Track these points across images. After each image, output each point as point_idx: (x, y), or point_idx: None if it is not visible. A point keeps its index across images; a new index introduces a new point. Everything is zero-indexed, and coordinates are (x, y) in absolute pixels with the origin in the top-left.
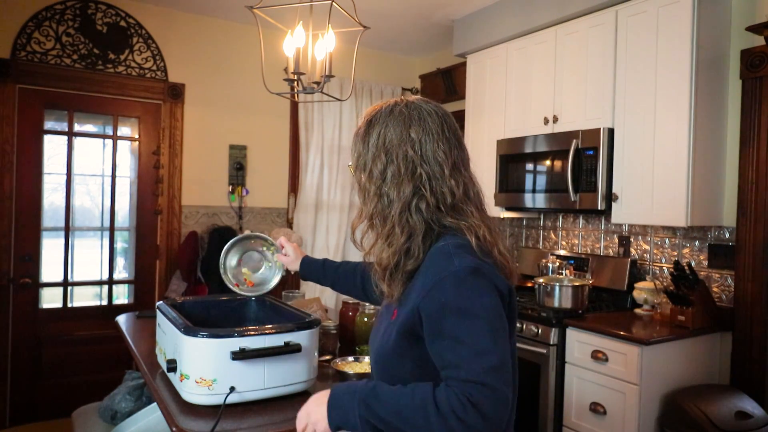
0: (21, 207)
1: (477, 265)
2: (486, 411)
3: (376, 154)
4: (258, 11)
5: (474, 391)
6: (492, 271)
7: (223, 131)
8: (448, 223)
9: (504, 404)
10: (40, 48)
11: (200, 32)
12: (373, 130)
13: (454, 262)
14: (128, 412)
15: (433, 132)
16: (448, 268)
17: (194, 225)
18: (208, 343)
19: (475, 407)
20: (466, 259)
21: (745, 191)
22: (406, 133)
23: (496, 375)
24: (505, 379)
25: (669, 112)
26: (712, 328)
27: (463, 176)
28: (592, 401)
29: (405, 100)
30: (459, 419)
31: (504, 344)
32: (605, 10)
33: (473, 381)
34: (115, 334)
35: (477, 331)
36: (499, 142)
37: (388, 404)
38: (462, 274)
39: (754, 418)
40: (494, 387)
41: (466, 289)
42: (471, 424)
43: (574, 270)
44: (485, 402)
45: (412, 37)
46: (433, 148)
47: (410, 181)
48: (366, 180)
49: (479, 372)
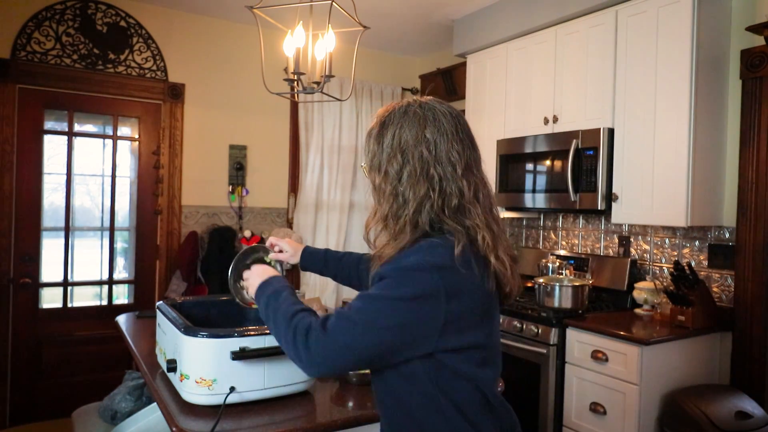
0: (21, 207)
1: (425, 265)
2: (311, 344)
3: (392, 154)
4: (258, 11)
5: (317, 326)
6: (445, 274)
7: (223, 131)
8: (447, 225)
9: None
10: (40, 48)
11: (200, 32)
12: (387, 130)
13: (418, 254)
14: (128, 412)
15: (448, 133)
16: (409, 257)
17: (194, 225)
18: (208, 343)
19: (307, 336)
20: (421, 257)
21: (745, 191)
22: (422, 134)
23: (342, 334)
24: (340, 344)
25: (669, 112)
26: (712, 328)
27: (475, 176)
28: (592, 401)
29: (418, 101)
30: (294, 335)
31: (378, 335)
32: (605, 10)
33: (323, 320)
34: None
35: (381, 298)
36: (499, 142)
37: (283, 301)
38: (405, 265)
39: (754, 418)
40: (327, 336)
41: (399, 275)
42: (298, 346)
43: (574, 270)
44: (316, 338)
45: (412, 37)
46: (447, 149)
47: (425, 181)
48: (381, 180)
49: (334, 320)
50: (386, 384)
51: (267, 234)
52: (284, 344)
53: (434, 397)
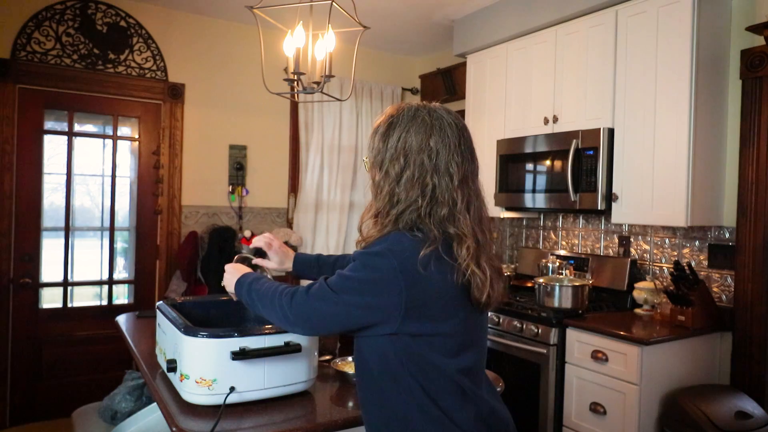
0: (21, 207)
1: (385, 251)
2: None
3: (395, 155)
4: (258, 11)
5: (302, 290)
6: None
7: (223, 131)
8: (427, 228)
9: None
10: (40, 48)
11: (200, 32)
12: (394, 131)
13: (383, 243)
14: (128, 412)
15: (451, 144)
16: (378, 243)
17: (194, 225)
18: (208, 343)
19: (292, 297)
20: (391, 244)
21: (745, 191)
22: (426, 142)
23: (318, 300)
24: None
25: (669, 112)
26: (712, 328)
27: (470, 188)
28: (592, 401)
29: (428, 107)
30: (281, 298)
31: (354, 299)
32: (605, 10)
33: (317, 284)
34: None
35: (351, 277)
36: (499, 142)
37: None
38: (376, 249)
39: (754, 418)
40: (309, 298)
41: (368, 257)
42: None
43: (574, 270)
44: (300, 298)
45: (412, 37)
46: (447, 159)
47: (419, 187)
48: (381, 178)
49: (316, 287)
50: (362, 363)
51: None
52: (272, 310)
53: (402, 379)
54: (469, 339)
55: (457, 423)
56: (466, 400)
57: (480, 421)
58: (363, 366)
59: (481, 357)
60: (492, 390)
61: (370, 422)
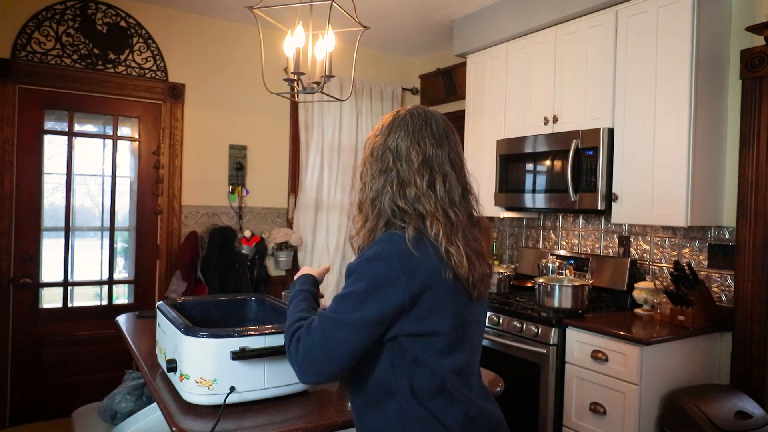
0: (21, 207)
1: (385, 253)
2: (300, 347)
3: (366, 163)
4: (258, 11)
5: (312, 326)
6: (396, 264)
7: (223, 131)
8: (405, 211)
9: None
10: (40, 48)
11: (200, 32)
12: (369, 142)
13: (375, 246)
14: (128, 412)
15: (411, 131)
16: (369, 249)
17: (194, 225)
18: (208, 343)
19: (299, 341)
20: (382, 246)
21: (745, 191)
22: (389, 136)
23: (330, 324)
24: (331, 333)
25: (669, 112)
26: (712, 328)
27: (434, 171)
28: (592, 401)
29: (402, 111)
30: (290, 341)
31: (360, 314)
32: (605, 10)
33: (319, 318)
34: (115, 334)
35: (349, 294)
36: (499, 142)
37: (290, 309)
38: (369, 255)
39: (754, 418)
40: (319, 330)
41: (364, 265)
42: (291, 350)
43: (574, 270)
44: (304, 340)
45: (412, 37)
46: (407, 145)
47: (386, 173)
48: (360, 189)
49: (325, 316)
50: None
51: (267, 234)
52: (288, 352)
53: (392, 382)
54: (462, 336)
55: (445, 425)
56: (455, 401)
57: (468, 422)
58: (354, 371)
59: (473, 357)
60: (484, 391)
61: (362, 426)
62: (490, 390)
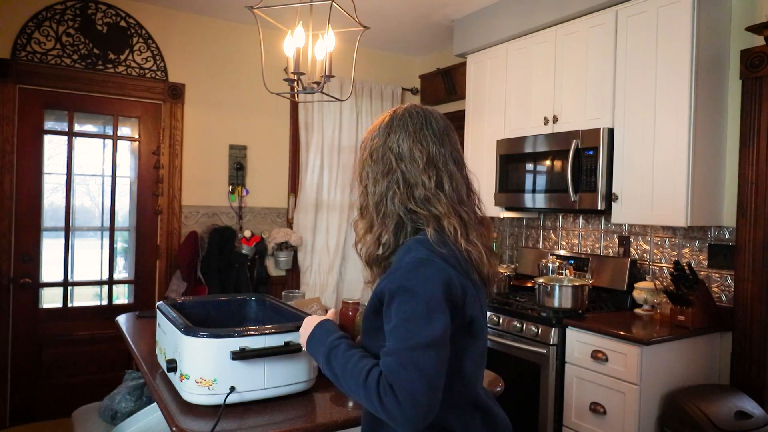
0: (21, 207)
1: (425, 256)
2: (398, 393)
3: (366, 160)
4: (258, 11)
5: (390, 366)
6: (441, 264)
7: (223, 131)
8: (418, 212)
9: (412, 388)
10: (40, 48)
11: (200, 32)
12: (367, 145)
13: (410, 254)
14: (128, 412)
15: (411, 131)
16: (403, 260)
17: (194, 225)
18: (208, 343)
19: (392, 389)
20: (419, 251)
21: (745, 191)
22: (388, 137)
23: (414, 355)
24: (421, 363)
25: (669, 112)
26: (712, 328)
27: (440, 170)
28: (592, 401)
29: (401, 108)
30: (378, 396)
31: (433, 331)
32: (605, 10)
33: (393, 355)
34: (115, 334)
35: (411, 315)
36: (499, 142)
37: (340, 363)
38: (410, 265)
39: (754, 418)
40: (407, 366)
41: (411, 277)
42: (386, 403)
43: (574, 270)
44: (399, 384)
45: (412, 37)
46: (410, 146)
47: (390, 175)
48: (362, 192)
49: (401, 349)
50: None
51: (267, 234)
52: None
53: None
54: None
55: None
56: (477, 408)
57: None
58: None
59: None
60: (487, 393)
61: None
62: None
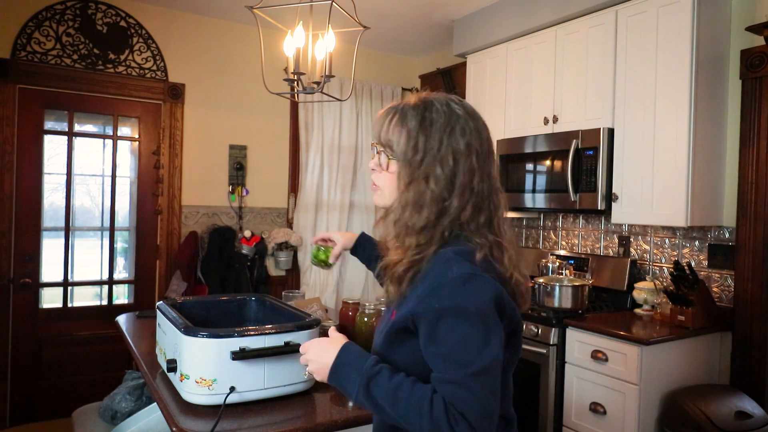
0: (21, 207)
1: (473, 271)
2: (471, 419)
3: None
4: (258, 11)
5: (457, 395)
6: (488, 276)
7: (223, 131)
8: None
9: (486, 410)
10: (40, 48)
11: (200, 32)
12: (433, 127)
13: (452, 268)
14: (128, 412)
15: (486, 146)
16: (446, 275)
17: (194, 225)
18: (208, 343)
19: (463, 416)
20: (464, 266)
21: (745, 191)
22: (472, 142)
23: (480, 380)
24: (489, 385)
25: (669, 112)
26: (712, 328)
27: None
28: (592, 401)
29: (457, 99)
30: (450, 426)
31: (492, 350)
32: (605, 10)
33: (458, 383)
34: (115, 334)
35: (467, 337)
36: (499, 142)
37: (387, 393)
38: (458, 281)
39: (754, 418)
40: (476, 392)
41: (460, 295)
42: (460, 429)
43: (574, 270)
44: (470, 410)
45: (412, 37)
46: (489, 162)
47: (468, 192)
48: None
49: (464, 375)
50: None
51: (267, 234)
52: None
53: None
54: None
55: None
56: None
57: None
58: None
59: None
60: None
61: None
62: None
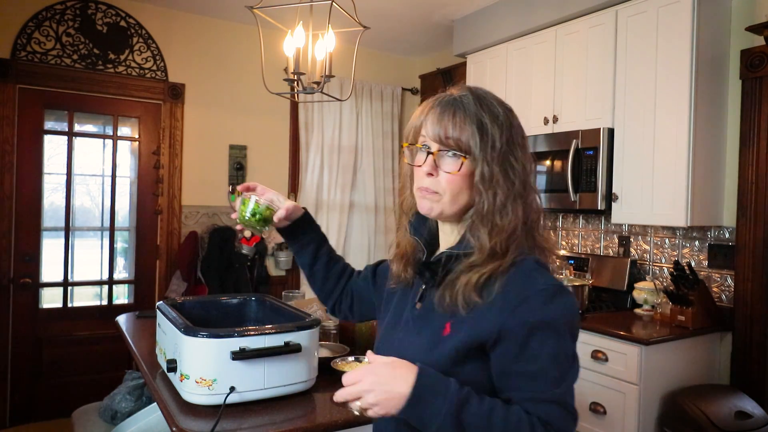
0: (21, 207)
1: (558, 282)
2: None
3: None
4: (258, 11)
5: (555, 414)
6: (569, 290)
7: (223, 131)
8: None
9: (576, 423)
10: (40, 48)
11: (200, 32)
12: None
13: (538, 279)
14: (128, 412)
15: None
16: (534, 286)
17: (194, 225)
18: (208, 343)
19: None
20: (548, 277)
21: (745, 191)
22: (524, 144)
23: (571, 395)
24: (573, 399)
25: (669, 112)
26: (712, 328)
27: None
28: (592, 401)
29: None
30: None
31: (578, 364)
32: (605, 10)
33: (555, 402)
34: (115, 334)
35: (560, 351)
36: None
37: (481, 420)
38: (549, 292)
39: (754, 418)
40: (572, 408)
41: (551, 309)
42: None
43: (574, 270)
44: (567, 428)
45: (412, 37)
46: (529, 160)
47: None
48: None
49: (561, 393)
50: None
51: (267, 234)
52: None
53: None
54: None
55: None
56: None
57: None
58: None
59: None
60: None
61: None
62: None
